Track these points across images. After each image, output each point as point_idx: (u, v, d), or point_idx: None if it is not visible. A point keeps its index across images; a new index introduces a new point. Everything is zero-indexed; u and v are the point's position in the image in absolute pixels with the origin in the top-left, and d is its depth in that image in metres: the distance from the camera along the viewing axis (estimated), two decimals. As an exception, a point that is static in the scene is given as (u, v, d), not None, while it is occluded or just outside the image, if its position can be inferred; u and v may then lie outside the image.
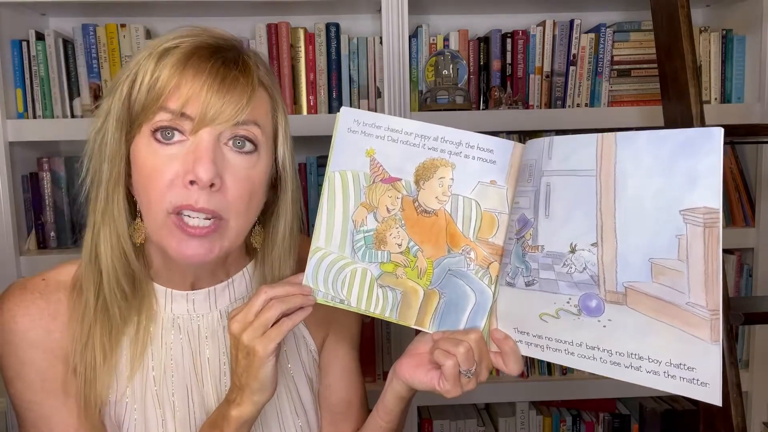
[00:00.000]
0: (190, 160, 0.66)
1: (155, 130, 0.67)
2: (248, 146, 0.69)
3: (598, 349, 0.64)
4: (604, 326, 0.64)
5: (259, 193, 0.71)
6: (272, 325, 0.67)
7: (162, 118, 0.66)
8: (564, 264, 0.65)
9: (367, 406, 0.90)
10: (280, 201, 0.77)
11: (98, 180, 0.71)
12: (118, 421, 0.75)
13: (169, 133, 0.66)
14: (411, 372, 0.73)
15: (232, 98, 0.66)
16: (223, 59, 0.68)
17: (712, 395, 0.58)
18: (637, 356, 0.62)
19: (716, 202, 0.57)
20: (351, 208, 0.72)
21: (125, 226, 0.71)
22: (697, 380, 0.59)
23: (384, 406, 0.78)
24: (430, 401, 1.55)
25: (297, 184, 0.78)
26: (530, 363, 1.55)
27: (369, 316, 0.73)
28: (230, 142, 0.68)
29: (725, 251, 1.52)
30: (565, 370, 1.55)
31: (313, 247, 0.72)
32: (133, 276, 0.73)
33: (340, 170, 0.72)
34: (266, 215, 0.77)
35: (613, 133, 0.63)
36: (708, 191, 0.58)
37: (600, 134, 0.64)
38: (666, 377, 0.61)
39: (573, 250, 0.65)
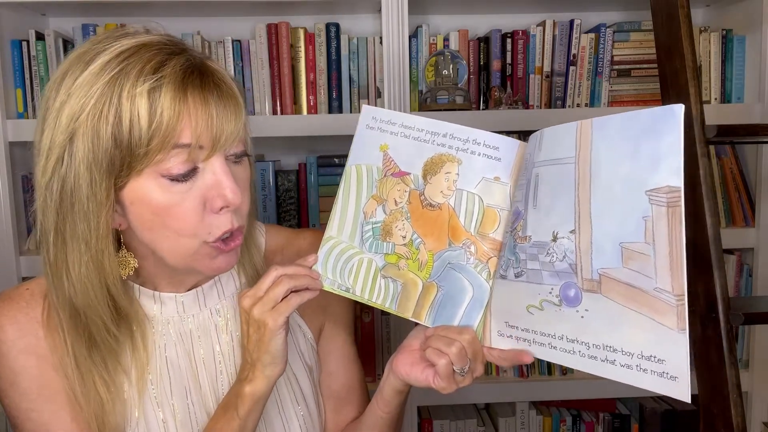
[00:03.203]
0: (212, 187, 0.66)
1: (173, 174, 0.64)
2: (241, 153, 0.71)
3: (577, 341, 0.62)
4: (582, 317, 0.62)
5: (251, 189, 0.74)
6: (282, 301, 0.69)
7: (180, 158, 0.63)
8: (547, 253, 0.64)
9: (366, 390, 0.92)
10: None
11: (70, 234, 0.66)
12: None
13: (191, 172, 0.65)
14: (407, 370, 0.74)
15: (231, 116, 0.66)
16: (211, 80, 0.66)
17: (681, 391, 0.55)
18: (611, 349, 0.60)
19: (678, 180, 0.56)
20: (363, 199, 0.75)
21: (119, 274, 0.69)
22: (667, 374, 0.56)
23: (382, 398, 0.79)
24: (429, 401, 1.55)
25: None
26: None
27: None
28: (231, 157, 0.69)
29: (725, 251, 1.52)
30: (565, 370, 1.55)
31: (326, 235, 0.75)
32: (119, 307, 0.72)
33: (356, 164, 0.75)
34: None
35: (591, 118, 0.62)
36: (670, 170, 0.56)
37: (580, 121, 0.63)
38: (639, 371, 0.58)
39: (555, 239, 0.64)
